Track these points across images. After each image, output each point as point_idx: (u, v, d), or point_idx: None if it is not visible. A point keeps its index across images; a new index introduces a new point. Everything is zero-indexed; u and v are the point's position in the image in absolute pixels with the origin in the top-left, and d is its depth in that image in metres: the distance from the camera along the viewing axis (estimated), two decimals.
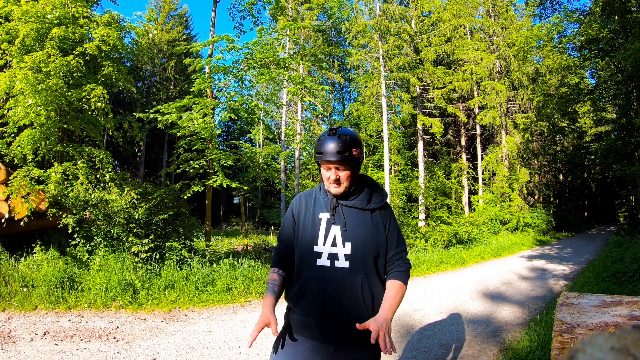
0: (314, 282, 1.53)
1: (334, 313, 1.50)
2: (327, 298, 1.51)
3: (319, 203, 1.61)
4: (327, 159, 1.50)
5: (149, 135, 20.69)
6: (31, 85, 5.29)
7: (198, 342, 3.68)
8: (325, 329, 1.51)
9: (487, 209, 15.71)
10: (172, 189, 6.90)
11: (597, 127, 25.50)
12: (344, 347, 1.52)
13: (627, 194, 18.26)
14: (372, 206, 1.59)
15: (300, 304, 1.56)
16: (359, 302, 1.50)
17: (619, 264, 6.46)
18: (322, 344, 1.52)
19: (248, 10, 7.91)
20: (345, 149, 1.48)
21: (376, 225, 1.57)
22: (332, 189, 1.56)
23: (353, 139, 1.52)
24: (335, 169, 1.52)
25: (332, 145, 1.49)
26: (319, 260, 1.52)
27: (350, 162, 1.52)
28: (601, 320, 1.65)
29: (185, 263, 5.75)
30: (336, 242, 1.52)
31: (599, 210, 32.79)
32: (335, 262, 1.51)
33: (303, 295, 1.55)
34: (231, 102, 7.01)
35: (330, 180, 1.54)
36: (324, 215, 1.57)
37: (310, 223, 1.58)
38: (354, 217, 1.56)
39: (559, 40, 12.68)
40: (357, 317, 1.47)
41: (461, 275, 7.56)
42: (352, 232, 1.54)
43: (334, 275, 1.51)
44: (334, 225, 1.54)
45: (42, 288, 4.55)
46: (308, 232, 1.57)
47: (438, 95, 15.59)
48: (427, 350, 3.62)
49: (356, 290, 1.50)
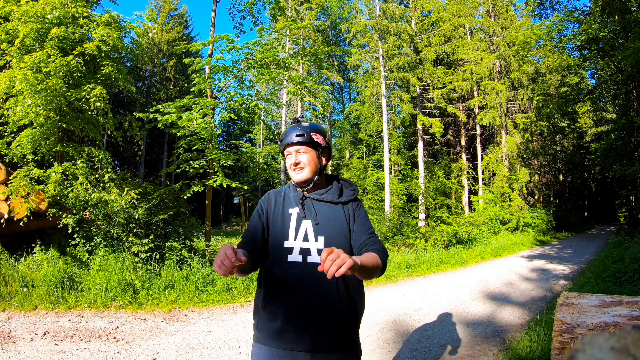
0: (285, 281, 1.43)
1: (308, 313, 1.39)
2: (299, 297, 1.41)
3: (289, 199, 1.56)
4: (287, 141, 1.50)
5: (149, 135, 20.68)
6: (31, 85, 5.29)
7: (198, 342, 3.68)
8: (299, 332, 1.39)
9: (487, 209, 15.71)
10: (172, 189, 6.90)
11: (597, 127, 25.48)
12: (322, 351, 1.40)
13: (627, 194, 18.26)
14: (344, 199, 1.55)
15: (269, 308, 1.44)
16: (335, 299, 1.41)
17: (619, 264, 6.46)
18: (297, 352, 1.39)
19: (248, 10, 7.92)
20: (304, 132, 1.50)
21: (348, 218, 1.52)
22: (295, 176, 1.51)
23: (314, 126, 1.54)
24: (296, 152, 1.51)
25: (292, 130, 1.51)
26: (289, 256, 1.43)
27: (312, 146, 1.51)
28: (601, 320, 1.65)
29: (185, 263, 5.74)
30: (308, 236, 1.45)
31: (599, 210, 32.79)
32: (308, 258, 1.42)
33: (273, 296, 1.44)
34: (231, 102, 7.02)
35: (292, 166, 1.51)
36: (293, 210, 1.51)
37: (280, 218, 1.50)
38: (325, 211, 1.51)
39: (559, 39, 12.69)
40: (334, 316, 1.40)
41: (461, 275, 7.56)
42: (324, 226, 1.47)
43: (307, 272, 1.40)
44: (304, 219, 1.48)
45: (42, 288, 4.55)
46: (278, 228, 1.49)
47: (438, 95, 15.59)
48: (427, 350, 3.62)
49: (330, 286, 1.40)
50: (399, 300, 5.48)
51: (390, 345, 3.76)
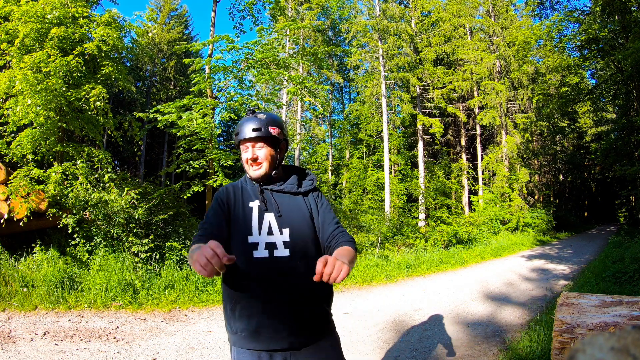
0: (253, 279, 1.37)
1: (281, 309, 1.35)
2: (270, 293, 1.36)
3: (247, 192, 1.49)
4: (243, 136, 1.44)
5: (149, 135, 20.68)
6: (30, 85, 5.29)
7: (198, 342, 3.68)
8: (277, 330, 1.35)
9: (487, 209, 15.70)
10: (172, 189, 6.90)
11: (597, 127, 25.48)
12: (303, 345, 1.37)
13: (627, 194, 18.25)
14: (304, 189, 1.51)
15: (240, 309, 1.37)
16: (306, 291, 1.37)
17: (619, 264, 6.46)
18: (278, 351, 1.35)
19: (248, 10, 7.92)
20: (261, 126, 1.43)
21: (310, 208, 1.49)
22: (253, 172, 1.47)
23: (271, 118, 1.48)
24: (252, 147, 1.45)
25: (248, 123, 1.44)
26: (255, 252, 1.37)
27: (269, 141, 1.46)
28: (601, 320, 1.65)
29: (185, 263, 5.74)
30: (272, 229, 1.39)
31: (599, 210, 32.78)
32: (275, 252, 1.37)
33: (242, 296, 1.38)
34: (231, 102, 7.02)
35: (248, 162, 1.46)
36: (254, 204, 1.44)
37: (241, 213, 1.43)
38: (286, 203, 1.47)
39: (559, 39, 12.68)
40: (308, 308, 1.38)
41: (461, 275, 7.56)
42: (288, 217, 1.43)
43: (275, 267, 1.36)
44: (266, 212, 1.42)
45: (42, 288, 4.55)
46: (240, 223, 1.41)
47: (438, 95, 15.59)
48: (427, 350, 3.62)
49: (301, 278, 1.35)
50: (399, 300, 5.48)
51: (390, 345, 3.76)
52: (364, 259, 7.60)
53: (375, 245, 9.24)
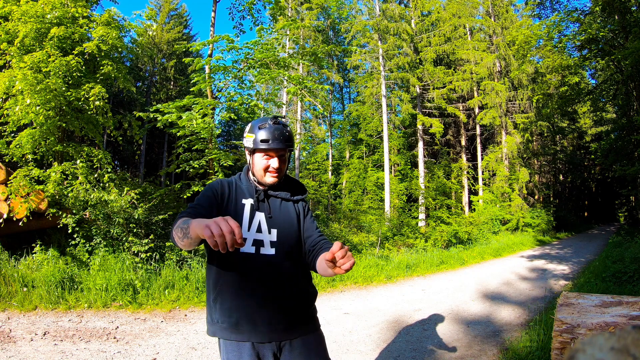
0: (238, 272, 1.41)
1: (262, 304, 1.40)
2: (252, 288, 1.40)
3: (241, 189, 1.53)
4: (275, 146, 1.44)
5: (149, 135, 20.65)
6: (30, 85, 5.28)
7: (198, 342, 3.68)
8: (258, 324, 1.40)
9: (487, 209, 15.71)
10: (172, 189, 6.90)
11: (597, 127, 25.46)
12: (285, 338, 1.43)
13: (627, 194, 18.24)
14: (297, 197, 1.59)
15: (222, 301, 1.41)
16: (288, 289, 1.44)
17: (619, 264, 6.46)
18: (264, 343, 1.41)
19: (248, 10, 7.92)
20: (290, 137, 1.49)
21: (297, 215, 1.57)
22: (269, 178, 1.49)
23: (289, 127, 1.55)
24: (278, 157, 1.48)
25: (279, 133, 1.45)
26: (242, 247, 1.38)
27: (289, 151, 1.54)
28: (601, 320, 1.65)
29: (185, 263, 5.74)
30: (261, 228, 1.45)
31: (599, 210, 32.77)
32: (261, 249, 1.43)
33: (226, 289, 1.42)
34: (231, 102, 7.02)
35: (271, 169, 1.48)
36: (247, 202, 1.49)
37: (233, 208, 1.47)
38: (277, 206, 1.53)
39: (559, 39, 12.67)
40: (289, 304, 1.44)
41: (461, 276, 7.56)
42: (277, 219, 1.49)
43: (260, 263, 1.41)
44: (258, 211, 1.48)
45: (42, 288, 4.54)
46: (230, 217, 1.46)
47: (438, 95, 15.59)
48: (427, 350, 3.62)
49: (284, 277, 1.44)
50: (399, 300, 5.48)
51: (390, 345, 3.76)
52: (364, 259, 7.60)
53: (375, 245, 9.25)
